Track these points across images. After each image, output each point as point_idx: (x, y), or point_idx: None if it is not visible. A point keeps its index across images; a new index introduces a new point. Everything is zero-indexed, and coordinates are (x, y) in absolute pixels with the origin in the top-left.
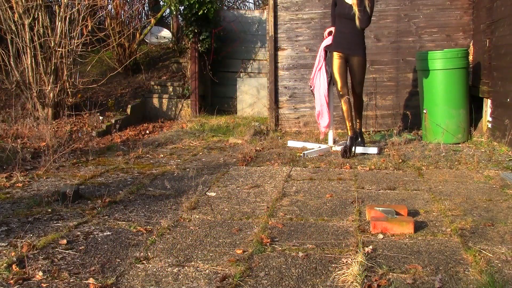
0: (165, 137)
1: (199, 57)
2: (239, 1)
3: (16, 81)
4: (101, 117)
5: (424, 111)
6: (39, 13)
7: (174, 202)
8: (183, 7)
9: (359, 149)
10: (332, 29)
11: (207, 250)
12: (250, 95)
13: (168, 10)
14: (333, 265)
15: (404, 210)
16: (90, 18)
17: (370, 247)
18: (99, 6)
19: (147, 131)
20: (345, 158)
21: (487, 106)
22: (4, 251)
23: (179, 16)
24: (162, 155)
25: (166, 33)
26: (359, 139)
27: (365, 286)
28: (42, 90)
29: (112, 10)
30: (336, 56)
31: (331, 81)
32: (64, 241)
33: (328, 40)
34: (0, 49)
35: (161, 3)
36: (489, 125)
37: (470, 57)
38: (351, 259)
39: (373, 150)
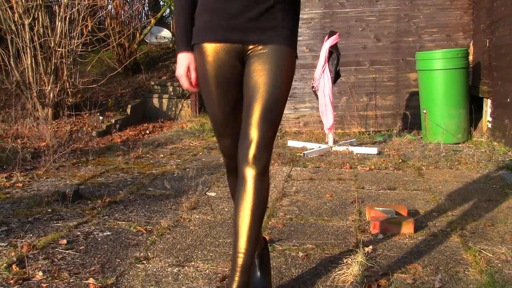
0: (165, 137)
1: None
2: None
3: (16, 81)
4: (101, 117)
5: (424, 111)
6: (39, 13)
7: (174, 202)
8: None
9: (359, 149)
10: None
11: (207, 250)
12: None
13: (168, 10)
14: (333, 265)
15: (404, 210)
16: (90, 18)
17: (370, 247)
18: (99, 6)
19: (147, 131)
20: None
21: (487, 106)
22: (4, 251)
23: None
24: (162, 155)
25: (166, 33)
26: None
27: (365, 286)
28: (42, 90)
29: (112, 10)
30: (212, 53)
31: (335, 80)
32: (64, 241)
33: (333, 39)
34: (0, 49)
35: (161, 3)
36: (489, 125)
37: (470, 57)
38: (351, 259)
39: (373, 150)
